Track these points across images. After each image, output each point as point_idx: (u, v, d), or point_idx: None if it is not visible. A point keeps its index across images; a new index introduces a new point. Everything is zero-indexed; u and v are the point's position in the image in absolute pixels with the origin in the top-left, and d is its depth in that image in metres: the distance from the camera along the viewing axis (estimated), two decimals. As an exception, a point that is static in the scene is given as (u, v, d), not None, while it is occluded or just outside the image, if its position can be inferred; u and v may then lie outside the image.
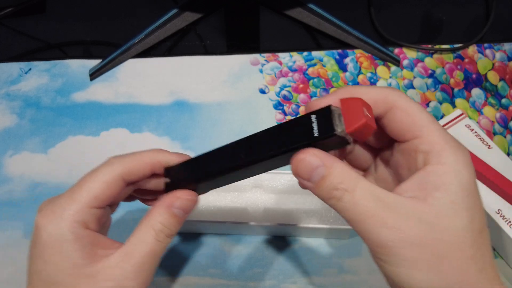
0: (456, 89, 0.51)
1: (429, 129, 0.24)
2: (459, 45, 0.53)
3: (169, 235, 0.28)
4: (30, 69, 0.52)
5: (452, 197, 0.23)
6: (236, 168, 0.26)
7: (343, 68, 0.52)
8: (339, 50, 0.53)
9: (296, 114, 0.49)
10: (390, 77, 0.51)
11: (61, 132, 0.48)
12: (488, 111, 0.49)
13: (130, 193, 0.31)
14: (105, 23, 0.56)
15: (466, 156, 0.24)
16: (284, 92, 0.50)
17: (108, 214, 0.31)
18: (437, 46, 0.53)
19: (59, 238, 0.26)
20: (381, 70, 0.52)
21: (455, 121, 0.43)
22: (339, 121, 0.23)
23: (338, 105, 0.24)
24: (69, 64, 0.53)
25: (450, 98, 0.50)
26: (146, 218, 0.28)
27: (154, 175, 0.30)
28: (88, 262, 0.26)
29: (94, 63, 0.52)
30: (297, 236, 0.42)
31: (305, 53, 0.53)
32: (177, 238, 0.43)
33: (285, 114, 0.49)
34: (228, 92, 0.50)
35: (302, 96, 0.50)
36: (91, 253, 0.27)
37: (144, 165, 0.29)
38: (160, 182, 0.30)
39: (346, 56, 0.53)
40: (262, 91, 0.51)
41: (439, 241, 0.22)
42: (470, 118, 0.48)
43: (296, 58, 0.52)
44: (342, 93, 0.25)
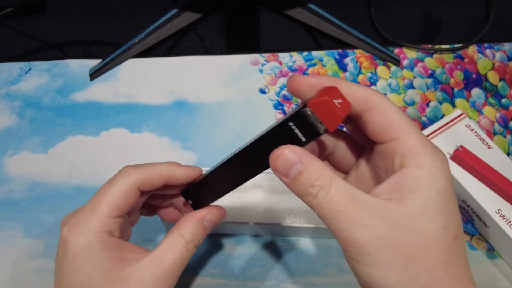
0: (456, 89, 0.51)
1: (407, 132, 0.24)
2: (459, 45, 0.53)
3: (197, 245, 0.31)
4: (30, 69, 0.52)
5: (427, 201, 0.23)
6: (244, 181, 0.28)
7: (343, 68, 0.52)
8: (339, 50, 0.53)
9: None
10: (390, 77, 0.51)
11: (61, 132, 0.48)
12: (488, 111, 0.49)
13: (148, 203, 0.34)
14: (105, 23, 0.56)
15: (444, 161, 0.24)
16: (284, 92, 0.50)
17: (128, 222, 0.33)
18: (437, 46, 0.53)
19: (89, 249, 0.28)
20: (381, 70, 0.52)
21: (455, 121, 0.43)
22: (317, 121, 0.24)
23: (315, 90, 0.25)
24: (69, 64, 0.53)
25: (450, 98, 0.50)
26: (177, 228, 0.30)
27: (166, 186, 0.32)
28: (119, 267, 0.28)
29: (94, 63, 0.52)
30: (297, 236, 0.42)
31: (305, 53, 0.53)
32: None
33: (285, 114, 0.49)
34: (228, 92, 0.50)
35: (302, 96, 0.50)
36: (121, 259, 0.29)
37: (159, 177, 0.30)
38: (172, 191, 0.33)
39: (346, 56, 0.53)
40: (262, 91, 0.51)
41: (411, 244, 0.22)
42: (470, 118, 0.48)
43: (296, 58, 0.52)
44: (325, 82, 0.25)
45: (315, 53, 0.53)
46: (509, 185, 0.40)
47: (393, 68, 0.52)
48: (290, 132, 0.25)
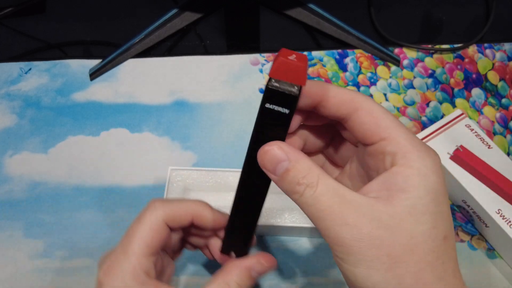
0: (456, 89, 0.50)
1: (395, 131, 0.24)
2: (459, 45, 0.53)
3: None
4: (30, 69, 0.52)
5: (415, 201, 0.23)
6: (264, 194, 0.28)
7: (343, 68, 0.52)
8: (339, 50, 0.53)
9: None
10: (390, 77, 0.51)
11: (61, 132, 0.48)
12: (488, 111, 0.49)
13: (188, 241, 0.34)
14: (105, 23, 0.56)
15: (435, 161, 0.24)
16: (284, 92, 0.50)
17: (166, 258, 0.32)
18: (437, 46, 0.53)
19: None
20: (381, 70, 0.52)
21: (455, 121, 0.43)
22: (286, 85, 0.23)
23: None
24: (69, 64, 0.53)
25: (450, 98, 0.50)
26: (222, 275, 0.30)
27: (196, 226, 0.32)
28: None
29: (94, 63, 0.52)
30: (297, 236, 0.42)
31: (305, 53, 0.53)
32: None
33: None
34: (228, 92, 0.50)
35: (302, 96, 0.50)
36: None
37: (185, 214, 0.30)
38: (203, 232, 0.33)
39: (346, 56, 0.53)
40: (262, 91, 0.51)
41: (396, 244, 0.22)
42: (470, 118, 0.48)
43: (296, 58, 0.52)
44: (312, 84, 0.25)
45: (315, 53, 0.53)
46: (509, 185, 0.40)
47: (393, 68, 0.52)
48: (272, 114, 0.24)
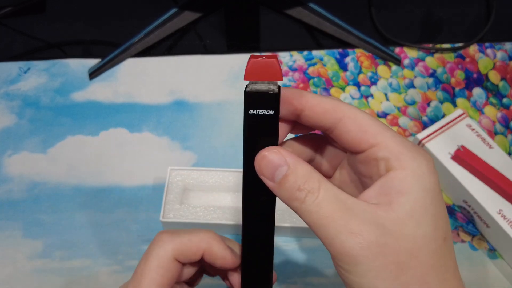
0: (457, 89, 0.50)
1: (384, 136, 0.24)
2: (460, 45, 0.52)
3: None
4: (29, 69, 0.52)
5: (415, 203, 0.22)
6: (272, 211, 0.26)
7: (344, 68, 0.52)
8: (340, 50, 0.53)
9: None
10: (391, 77, 0.51)
11: (60, 132, 0.48)
12: (489, 111, 0.49)
13: (206, 269, 0.31)
14: (105, 23, 0.56)
15: (429, 161, 0.23)
16: (284, 92, 0.50)
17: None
18: (438, 46, 0.53)
19: None
20: (382, 70, 0.51)
21: (456, 121, 0.43)
22: (264, 84, 0.23)
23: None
24: (69, 64, 0.52)
25: (451, 98, 0.50)
26: None
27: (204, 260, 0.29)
28: None
29: (94, 63, 0.52)
30: (297, 236, 0.42)
31: (305, 53, 0.53)
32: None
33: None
34: (228, 92, 0.50)
35: (302, 96, 0.50)
36: None
37: (196, 250, 0.28)
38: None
39: (347, 56, 0.52)
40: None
41: (402, 250, 0.22)
42: (471, 118, 0.48)
43: (296, 58, 0.52)
44: (293, 93, 0.25)
45: (316, 53, 0.53)
46: (510, 185, 0.40)
47: (394, 68, 0.52)
48: (258, 119, 0.23)
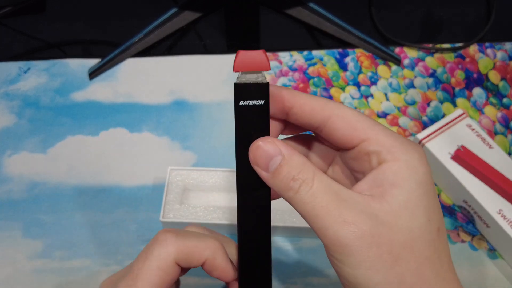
0: (457, 89, 0.50)
1: (374, 130, 0.24)
2: (460, 45, 0.52)
3: None
4: (29, 69, 0.52)
5: (409, 195, 0.22)
6: (268, 208, 0.26)
7: (344, 68, 0.52)
8: (340, 49, 0.53)
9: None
10: (391, 77, 0.51)
11: (60, 132, 0.48)
12: (489, 111, 0.49)
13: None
14: (105, 22, 0.56)
15: (420, 153, 0.23)
16: (284, 92, 0.50)
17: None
18: (438, 46, 0.53)
19: None
20: (382, 70, 0.51)
21: (456, 121, 0.43)
22: (253, 74, 0.23)
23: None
24: (68, 64, 0.52)
25: (451, 98, 0.50)
26: None
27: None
28: None
29: (94, 62, 0.52)
30: (297, 236, 0.42)
31: (305, 52, 0.53)
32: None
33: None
34: (228, 92, 0.50)
35: (302, 96, 0.50)
36: None
37: (200, 257, 0.26)
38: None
39: (347, 56, 0.52)
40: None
41: (396, 241, 0.22)
42: (471, 118, 0.48)
43: (296, 58, 0.52)
44: (282, 91, 0.25)
45: (316, 52, 0.52)
46: (510, 185, 0.40)
47: (394, 68, 0.52)
48: (249, 110, 0.24)
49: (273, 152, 0.23)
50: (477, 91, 0.50)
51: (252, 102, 0.24)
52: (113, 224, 0.43)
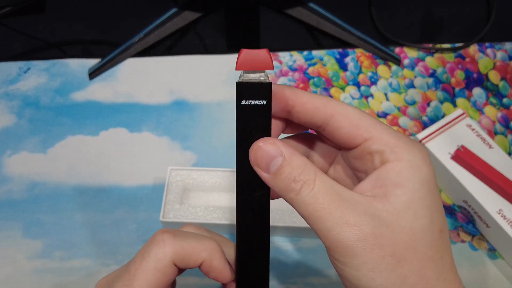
0: (457, 89, 0.50)
1: (376, 130, 0.24)
2: (460, 45, 0.52)
3: None
4: (29, 69, 0.52)
5: (412, 195, 0.22)
6: (267, 207, 0.26)
7: (344, 68, 0.52)
8: (340, 49, 0.53)
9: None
10: (391, 77, 0.51)
11: (60, 132, 0.48)
12: (489, 111, 0.49)
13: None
14: (105, 22, 0.56)
15: (423, 152, 0.23)
16: (284, 92, 0.50)
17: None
18: (438, 46, 0.53)
19: None
20: (382, 70, 0.51)
21: (456, 121, 0.43)
22: (255, 74, 0.23)
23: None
24: (68, 64, 0.52)
25: (451, 98, 0.50)
26: None
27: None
28: None
29: (94, 62, 0.52)
30: (297, 237, 0.42)
31: (305, 52, 0.53)
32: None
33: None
34: (228, 92, 0.50)
35: (302, 96, 0.50)
36: None
37: (197, 258, 0.26)
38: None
39: (347, 55, 0.52)
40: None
41: (399, 242, 0.22)
42: (471, 118, 0.48)
43: (296, 57, 0.52)
44: (284, 90, 0.25)
45: (316, 52, 0.52)
46: (510, 185, 0.40)
47: (394, 68, 0.52)
48: (251, 110, 0.23)
49: (274, 153, 0.23)
50: (477, 91, 0.50)
51: (254, 102, 0.23)
52: (113, 224, 0.43)
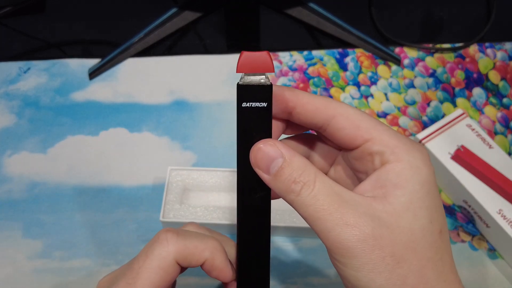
0: (457, 89, 0.50)
1: (377, 131, 0.24)
2: (460, 45, 0.52)
3: None
4: (29, 69, 0.52)
5: (411, 196, 0.22)
6: (267, 208, 0.26)
7: (344, 68, 0.52)
8: (340, 49, 0.53)
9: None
10: (391, 77, 0.51)
11: (60, 132, 0.48)
12: (489, 111, 0.49)
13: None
14: (105, 22, 0.56)
15: (423, 154, 0.23)
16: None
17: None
18: (438, 46, 0.53)
19: None
20: (382, 70, 0.51)
21: (456, 121, 0.43)
22: (256, 76, 0.23)
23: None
24: (68, 63, 0.52)
25: (451, 98, 0.50)
26: None
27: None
28: None
29: (94, 62, 0.52)
30: (297, 236, 0.42)
31: (305, 52, 0.53)
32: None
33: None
34: (228, 92, 0.50)
35: (302, 96, 0.50)
36: None
37: (199, 257, 0.27)
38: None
39: (347, 55, 0.52)
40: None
41: (399, 243, 0.22)
42: (471, 118, 0.48)
43: (296, 57, 0.52)
44: (284, 90, 0.25)
45: (316, 52, 0.52)
46: (510, 185, 0.40)
47: (394, 68, 0.52)
48: (251, 112, 0.23)
49: (274, 154, 0.23)
50: (477, 91, 0.50)
51: (255, 104, 0.23)
52: (113, 224, 0.43)
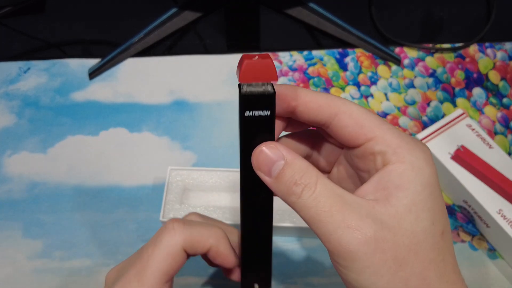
0: (457, 89, 0.50)
1: (380, 130, 0.23)
2: (460, 45, 0.52)
3: None
4: (29, 69, 0.52)
5: (414, 198, 0.22)
6: (270, 209, 0.27)
7: (344, 68, 0.52)
8: (340, 49, 0.53)
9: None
10: (391, 77, 0.51)
11: (60, 132, 0.48)
12: (489, 111, 0.49)
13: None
14: (105, 22, 0.56)
15: (426, 153, 0.23)
16: (284, 92, 0.50)
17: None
18: (438, 46, 0.53)
19: None
20: (382, 70, 0.51)
21: (456, 121, 0.43)
22: (259, 86, 0.23)
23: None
24: (68, 63, 0.52)
25: (451, 98, 0.50)
26: None
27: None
28: None
29: (94, 62, 0.52)
30: (297, 236, 0.42)
31: (305, 52, 0.53)
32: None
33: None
34: (228, 92, 0.50)
35: (302, 96, 0.50)
36: None
37: (205, 244, 0.28)
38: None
39: (347, 55, 0.52)
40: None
41: (401, 245, 0.22)
42: (471, 118, 0.48)
43: (296, 57, 0.52)
44: (286, 89, 0.25)
45: (315, 52, 0.52)
46: (510, 185, 0.40)
47: (394, 68, 0.52)
48: (254, 120, 0.23)
49: (276, 157, 0.23)
50: (477, 91, 0.50)
51: (258, 113, 0.23)
52: (113, 224, 0.43)
